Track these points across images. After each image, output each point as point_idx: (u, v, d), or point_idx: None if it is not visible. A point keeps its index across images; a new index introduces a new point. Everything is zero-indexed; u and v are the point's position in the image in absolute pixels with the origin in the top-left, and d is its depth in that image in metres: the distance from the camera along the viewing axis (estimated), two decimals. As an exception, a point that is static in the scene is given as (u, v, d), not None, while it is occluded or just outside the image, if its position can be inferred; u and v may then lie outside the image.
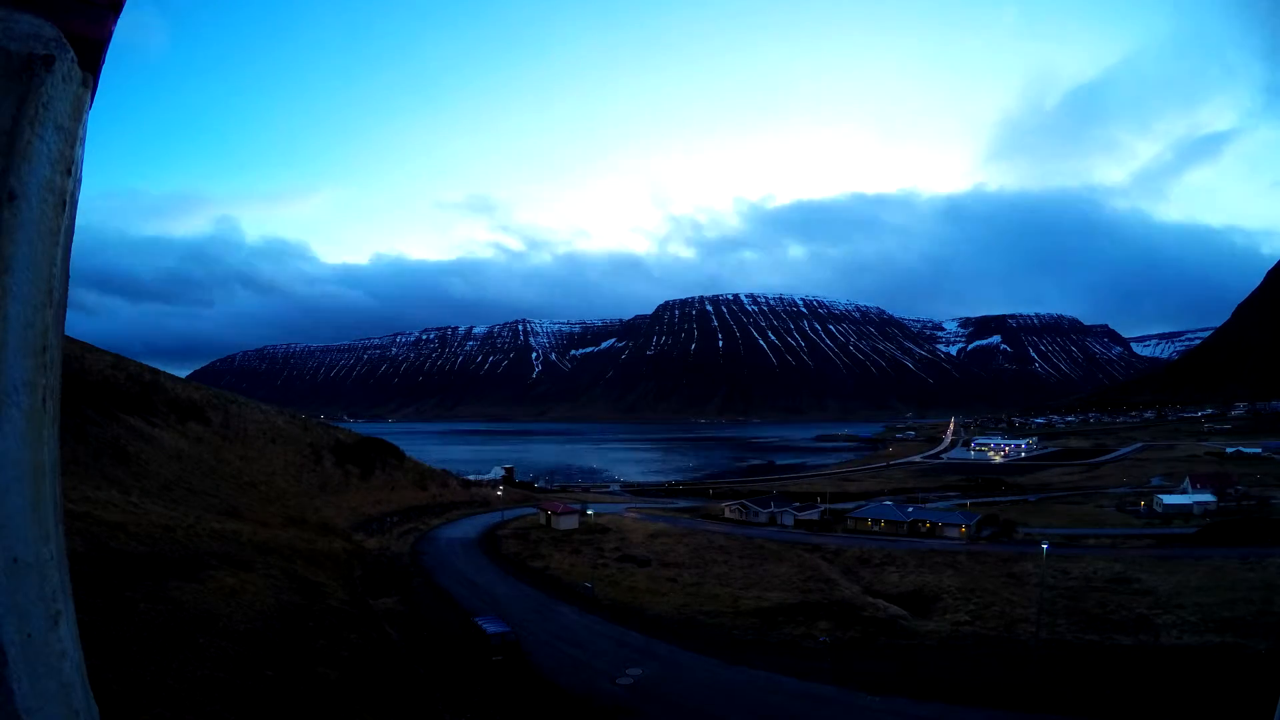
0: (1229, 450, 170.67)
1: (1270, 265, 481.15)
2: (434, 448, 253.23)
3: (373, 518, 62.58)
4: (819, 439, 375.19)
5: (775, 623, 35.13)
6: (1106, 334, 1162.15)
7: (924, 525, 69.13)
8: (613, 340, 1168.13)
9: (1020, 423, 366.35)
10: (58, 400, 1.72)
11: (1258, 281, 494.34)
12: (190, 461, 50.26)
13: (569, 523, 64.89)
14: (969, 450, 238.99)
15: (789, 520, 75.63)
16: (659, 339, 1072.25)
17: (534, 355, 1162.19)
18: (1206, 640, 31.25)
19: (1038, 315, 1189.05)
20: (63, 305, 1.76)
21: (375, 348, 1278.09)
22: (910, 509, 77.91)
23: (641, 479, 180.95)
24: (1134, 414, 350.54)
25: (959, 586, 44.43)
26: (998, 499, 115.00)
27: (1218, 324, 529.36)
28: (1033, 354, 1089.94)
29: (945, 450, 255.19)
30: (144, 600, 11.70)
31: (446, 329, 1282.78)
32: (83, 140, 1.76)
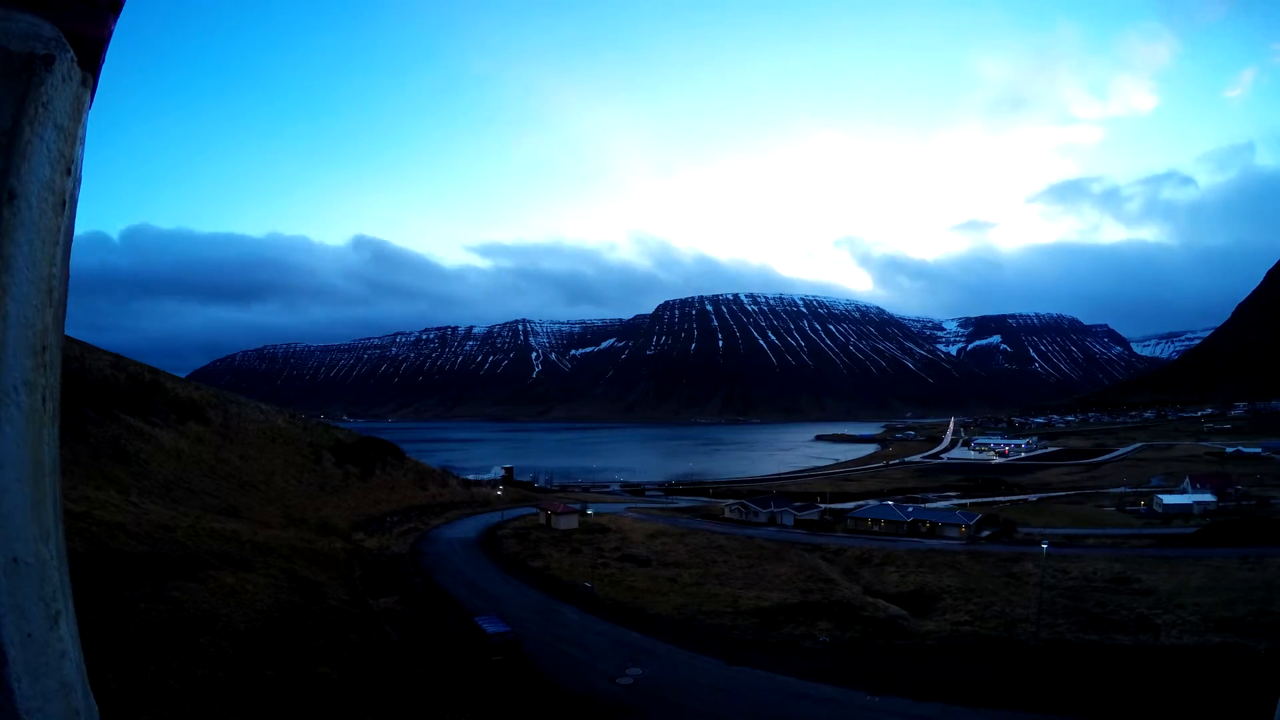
0: (1229, 450, 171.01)
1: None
2: (434, 448, 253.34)
3: (373, 518, 62.54)
4: (819, 439, 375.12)
5: (775, 622, 35.11)
6: (1106, 334, 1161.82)
7: (924, 525, 69.17)
8: (613, 340, 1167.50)
9: (1020, 423, 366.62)
10: (57, 400, 1.72)
11: (1257, 281, 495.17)
12: (190, 461, 50.35)
13: (569, 522, 64.86)
14: (969, 450, 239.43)
15: (789, 520, 75.64)
16: (659, 339, 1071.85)
17: (534, 355, 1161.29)
18: (1206, 640, 31.22)
19: (1038, 315, 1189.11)
20: (62, 305, 1.76)
21: (375, 347, 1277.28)
22: (910, 509, 77.95)
23: (641, 479, 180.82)
24: (1134, 414, 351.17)
25: (959, 586, 44.46)
26: (998, 499, 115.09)
27: (1218, 324, 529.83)
28: (1033, 354, 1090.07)
29: (945, 450, 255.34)
30: (144, 600, 11.72)
31: (446, 329, 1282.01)
32: (83, 140, 1.76)
